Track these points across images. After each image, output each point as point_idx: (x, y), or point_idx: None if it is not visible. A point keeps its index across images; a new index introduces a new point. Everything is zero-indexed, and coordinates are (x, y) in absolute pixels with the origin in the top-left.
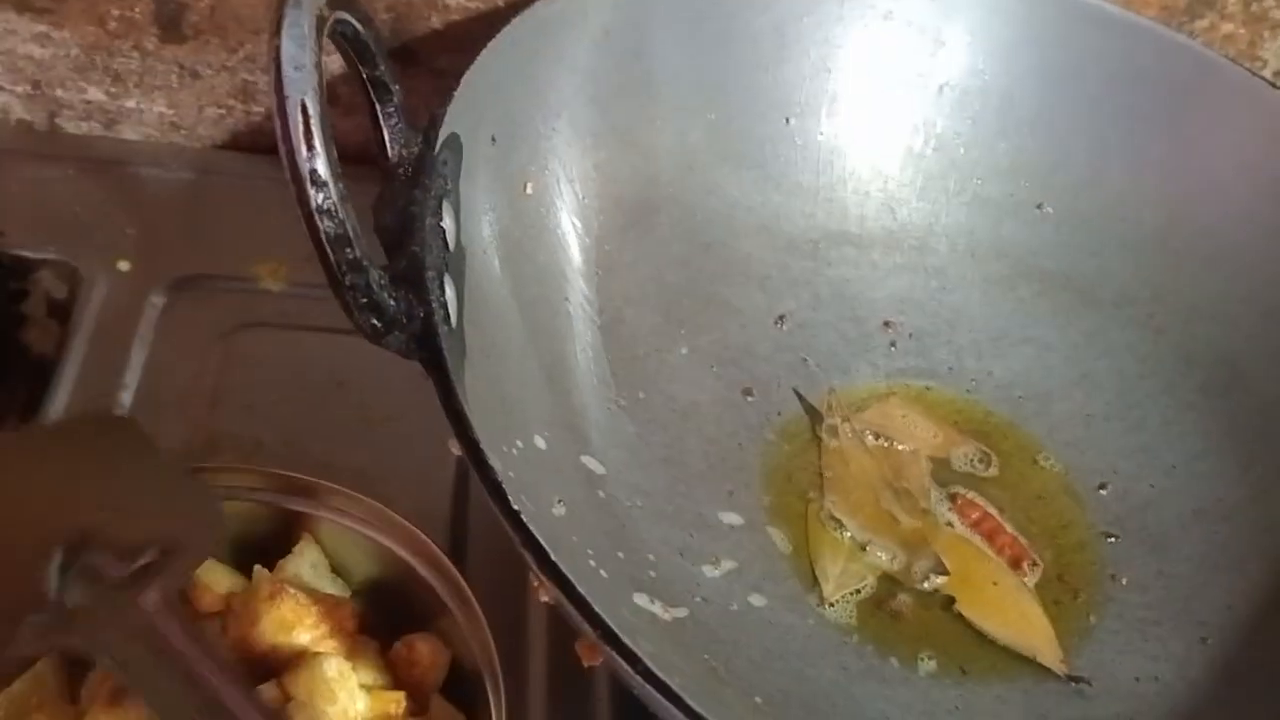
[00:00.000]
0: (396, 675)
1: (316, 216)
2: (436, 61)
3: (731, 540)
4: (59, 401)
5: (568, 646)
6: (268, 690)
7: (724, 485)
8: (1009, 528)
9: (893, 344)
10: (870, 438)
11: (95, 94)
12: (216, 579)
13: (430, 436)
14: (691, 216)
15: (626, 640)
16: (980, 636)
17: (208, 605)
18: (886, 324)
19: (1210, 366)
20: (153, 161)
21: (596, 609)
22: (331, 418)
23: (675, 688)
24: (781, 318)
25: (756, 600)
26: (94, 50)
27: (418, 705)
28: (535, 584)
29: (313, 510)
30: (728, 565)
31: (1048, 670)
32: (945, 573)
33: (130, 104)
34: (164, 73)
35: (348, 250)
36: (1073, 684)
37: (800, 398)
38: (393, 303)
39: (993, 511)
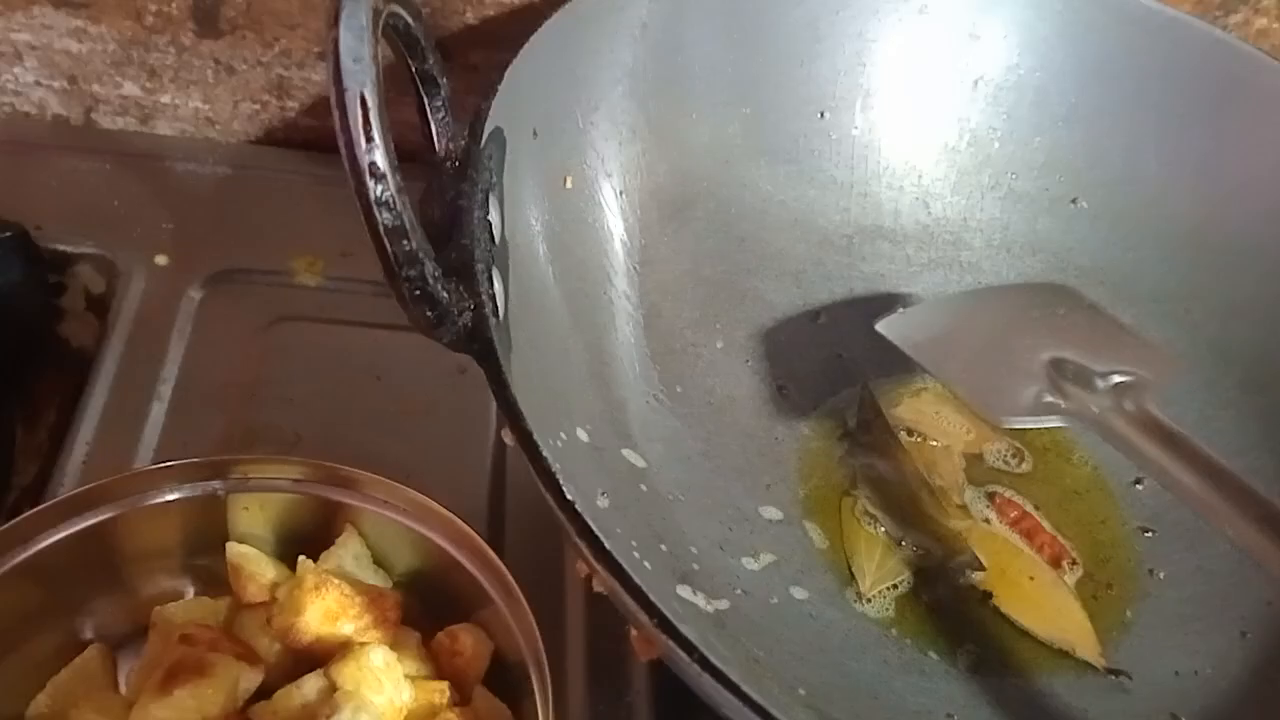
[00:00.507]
0: (439, 666)
1: (375, 208)
2: (470, 57)
3: (770, 534)
4: (98, 394)
5: (605, 635)
6: (314, 680)
7: (761, 479)
8: (1047, 526)
9: None
10: (903, 434)
11: (131, 89)
12: (261, 569)
13: (466, 428)
14: (726, 210)
15: (682, 629)
16: (1019, 631)
17: (253, 595)
18: None
19: (1249, 364)
20: (188, 156)
21: (653, 599)
22: (369, 410)
23: (734, 677)
24: (816, 312)
25: (797, 593)
26: (130, 45)
27: (460, 696)
28: (583, 573)
29: (355, 501)
30: (767, 559)
31: (1087, 664)
32: (981, 568)
33: (165, 99)
34: (200, 68)
35: (404, 242)
36: (1112, 678)
37: (833, 394)
38: (445, 295)
39: (1031, 510)
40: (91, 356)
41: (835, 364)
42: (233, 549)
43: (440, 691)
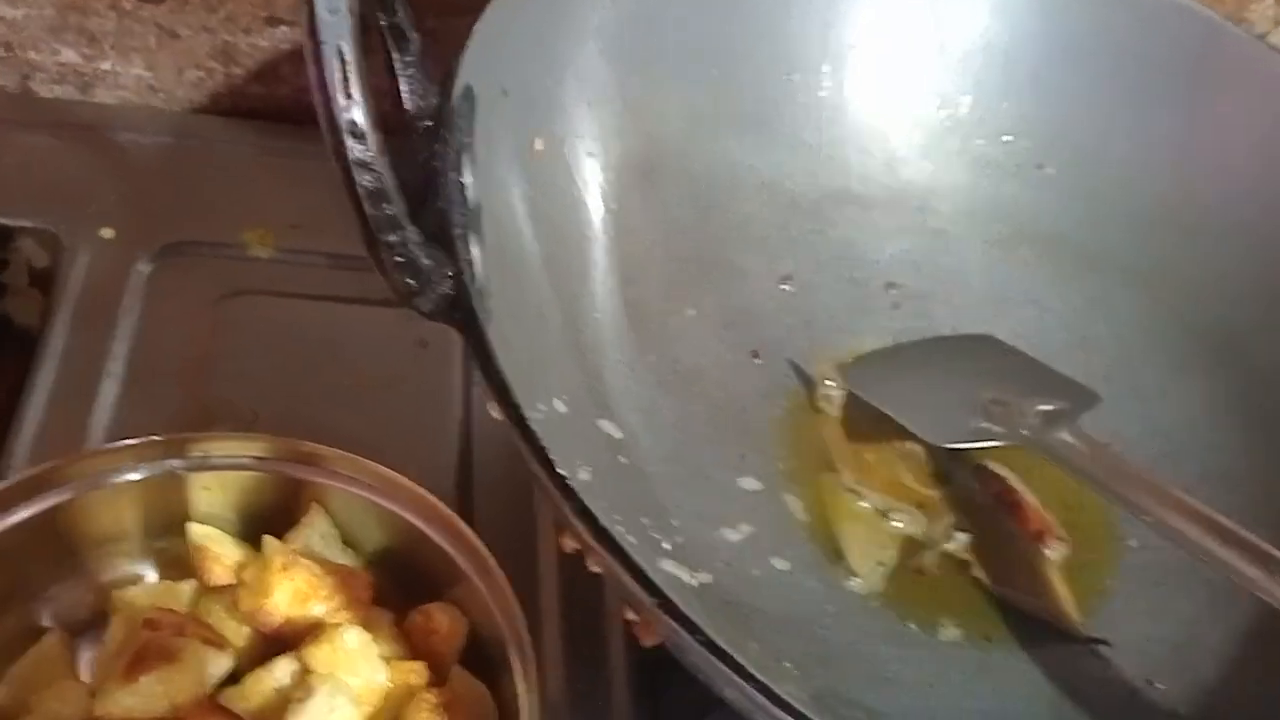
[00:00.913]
0: (413, 646)
1: (354, 169)
2: (425, 22)
3: (748, 505)
4: (46, 373)
5: (580, 610)
6: (286, 663)
7: (736, 449)
8: (1034, 502)
9: (895, 305)
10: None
11: (70, 56)
12: (226, 551)
13: (429, 403)
14: (695, 175)
15: (685, 609)
16: (998, 601)
17: (218, 578)
18: (889, 285)
19: (1215, 338)
20: (131, 126)
21: (653, 578)
22: (328, 386)
23: (737, 656)
24: (785, 279)
25: (779, 564)
26: (68, 10)
27: (437, 676)
28: (568, 549)
29: (320, 478)
30: (746, 530)
31: (1066, 632)
32: (965, 530)
33: (106, 66)
34: (141, 34)
35: (385, 206)
36: (1091, 645)
37: (795, 368)
38: (427, 262)
39: (1016, 484)
40: (37, 334)
41: (805, 331)
42: (195, 530)
43: (416, 672)
